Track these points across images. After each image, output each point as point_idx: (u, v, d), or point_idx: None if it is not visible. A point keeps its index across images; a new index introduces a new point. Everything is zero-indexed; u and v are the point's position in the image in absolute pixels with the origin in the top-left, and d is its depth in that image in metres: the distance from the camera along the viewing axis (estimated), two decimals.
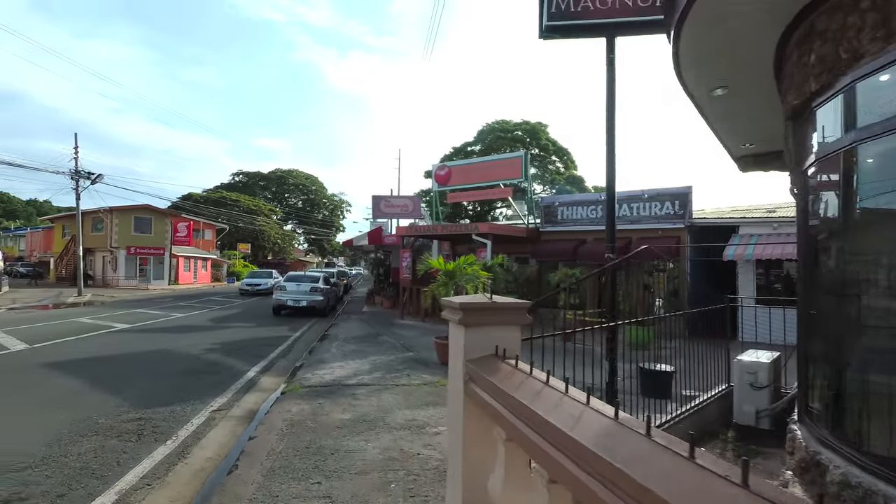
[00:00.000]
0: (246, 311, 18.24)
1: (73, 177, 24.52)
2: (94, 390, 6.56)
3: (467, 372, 2.48)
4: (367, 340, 11.21)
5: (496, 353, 2.50)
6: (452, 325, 2.68)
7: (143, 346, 10.26)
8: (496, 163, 16.17)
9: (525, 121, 43.27)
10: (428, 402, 6.11)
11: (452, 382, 2.72)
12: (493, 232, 13.86)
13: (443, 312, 2.84)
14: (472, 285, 9.21)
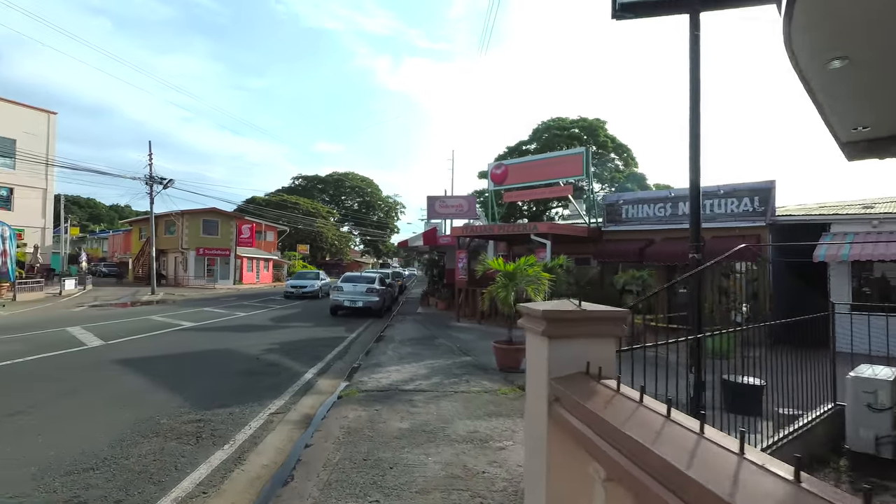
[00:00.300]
0: (304, 311, 18.57)
1: (147, 182, 26.07)
2: (158, 389, 6.66)
3: (552, 392, 2.08)
4: (422, 343, 10.97)
5: (587, 372, 2.09)
6: (532, 335, 2.29)
7: (207, 344, 10.53)
8: (555, 160, 15.53)
9: (582, 117, 41.99)
10: (489, 411, 5.73)
11: (532, 402, 2.33)
12: (552, 232, 13.28)
13: (519, 321, 2.46)
14: (532, 287, 8.75)
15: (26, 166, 36.23)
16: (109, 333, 11.41)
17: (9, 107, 36.21)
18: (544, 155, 16.12)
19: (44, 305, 18.96)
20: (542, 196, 18.59)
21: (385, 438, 4.72)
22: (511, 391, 6.76)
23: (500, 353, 8.50)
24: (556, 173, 15.40)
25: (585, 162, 14.78)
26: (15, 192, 37.34)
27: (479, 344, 10.98)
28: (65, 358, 8.69)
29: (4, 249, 19.44)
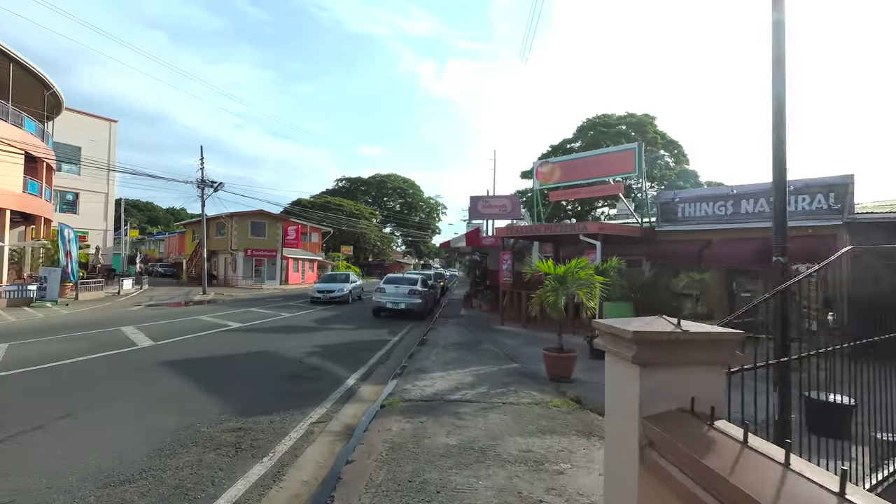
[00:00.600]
0: (347, 313, 18.58)
1: (198, 185, 26.95)
2: (201, 393, 6.59)
3: (646, 434, 1.66)
4: (467, 348, 10.60)
5: (692, 410, 1.65)
6: (615, 360, 1.87)
7: (251, 346, 10.53)
8: (605, 157, 14.80)
9: (630, 113, 40.54)
10: (542, 427, 5.28)
11: (615, 443, 1.91)
12: (603, 232, 12.62)
13: (596, 340, 2.05)
14: (584, 292, 8.23)
15: (90, 172, 38.34)
16: (159, 334, 11.65)
17: (75, 116, 38.41)
18: (593, 152, 15.41)
19: (103, 304, 19.84)
20: (591, 195, 17.83)
21: (431, 456, 4.37)
22: (564, 403, 6.28)
23: (551, 361, 8.02)
24: (605, 170, 14.68)
25: (638, 158, 13.99)
26: (80, 196, 39.64)
27: (525, 349, 10.51)
28: (117, 358, 8.85)
29: (68, 251, 20.46)
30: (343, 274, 26.31)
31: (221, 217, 38.11)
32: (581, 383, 7.64)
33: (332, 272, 31.44)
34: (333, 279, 24.70)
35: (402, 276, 18.35)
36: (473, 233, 19.63)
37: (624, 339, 1.72)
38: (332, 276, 26.51)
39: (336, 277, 25.09)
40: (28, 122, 25.70)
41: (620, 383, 1.81)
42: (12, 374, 7.38)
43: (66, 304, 18.62)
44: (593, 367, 8.83)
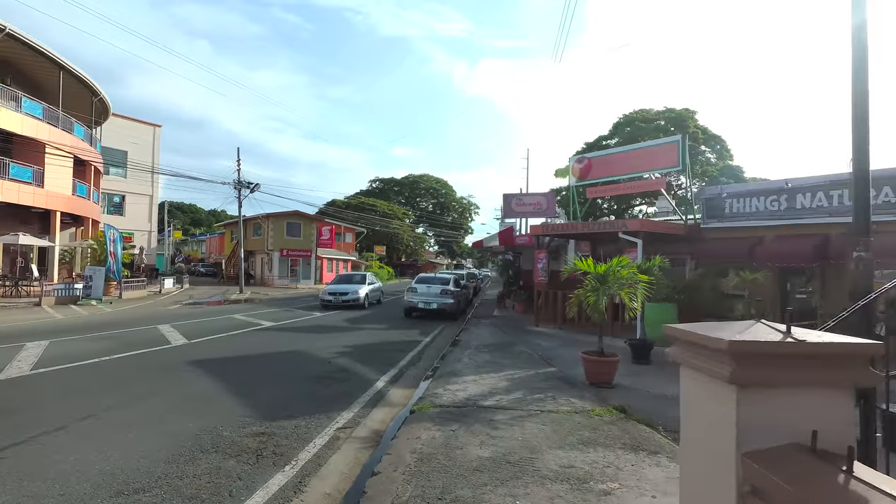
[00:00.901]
0: (378, 313, 18.44)
1: (235, 187, 27.46)
2: (227, 394, 6.43)
3: (747, 479, 1.25)
4: (500, 350, 10.19)
5: (813, 448, 1.23)
6: (698, 377, 1.45)
7: (281, 345, 10.43)
8: (646, 151, 14.08)
9: (669, 108, 39.04)
10: (584, 439, 4.84)
11: (698, 484, 1.49)
12: (644, 229, 11.96)
13: (669, 350, 1.65)
14: (626, 292, 7.69)
15: (135, 175, 39.77)
16: (194, 332, 11.73)
17: (121, 121, 39.95)
18: (633, 146, 14.69)
19: (145, 303, 20.38)
20: (630, 191, 17.07)
21: (463, 470, 4.01)
22: (606, 412, 5.81)
23: (591, 365, 7.52)
24: (646, 165, 13.96)
25: (681, 151, 13.22)
26: (126, 198, 41.19)
27: (562, 352, 10.02)
28: (150, 357, 8.87)
29: (112, 251, 21.12)
30: (360, 275, 23.28)
31: (258, 218, 38.86)
32: (623, 389, 7.14)
33: (347, 272, 27.13)
34: (348, 280, 22.10)
35: (434, 276, 18.08)
36: (507, 231, 19.16)
37: (714, 350, 1.31)
38: (348, 276, 23.64)
39: (351, 278, 22.45)
40: (77, 127, 26.76)
41: (706, 408, 1.41)
42: (48, 371, 7.44)
43: (110, 303, 19.19)
44: (636, 372, 8.30)
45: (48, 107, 24.00)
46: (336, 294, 19.61)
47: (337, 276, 26.07)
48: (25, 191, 22.16)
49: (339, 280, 22.41)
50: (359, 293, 19.71)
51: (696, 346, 1.41)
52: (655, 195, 31.62)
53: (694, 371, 1.45)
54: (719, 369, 1.28)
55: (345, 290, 19.76)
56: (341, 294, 19.55)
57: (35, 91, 24.90)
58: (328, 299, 19.49)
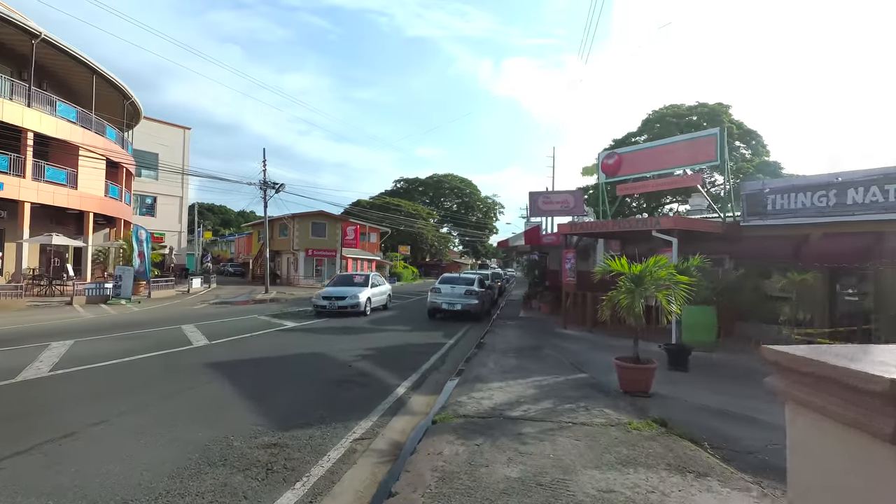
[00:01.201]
0: (402, 314, 18.17)
1: (261, 187, 27.66)
2: (241, 399, 6.19)
3: None
4: (527, 354, 9.74)
5: None
6: (827, 426, 1.03)
7: (302, 347, 10.21)
8: (680, 145, 13.37)
9: (701, 102, 37.71)
10: (623, 458, 4.39)
11: None
12: (679, 227, 11.33)
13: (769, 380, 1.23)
14: (664, 293, 7.17)
15: (166, 177, 40.61)
16: (216, 332, 11.64)
17: (152, 124, 40.86)
18: (667, 140, 13.97)
19: (172, 302, 20.62)
20: (663, 187, 16.30)
21: (488, 493, 3.62)
22: (646, 426, 5.32)
23: (625, 372, 7.03)
24: (681, 160, 13.27)
25: (720, 144, 12.50)
26: (157, 200, 42.11)
27: (592, 357, 9.52)
28: (169, 358, 8.76)
29: (141, 251, 21.45)
30: (362, 275, 20.14)
31: (284, 218, 39.22)
32: (661, 399, 6.62)
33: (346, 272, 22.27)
34: (348, 281, 18.89)
35: (459, 276, 17.70)
36: (533, 230, 18.65)
37: (862, 391, 0.89)
38: (347, 276, 20.35)
39: (351, 279, 19.26)
40: (109, 130, 27.35)
41: (842, 470, 0.98)
42: (67, 372, 7.36)
43: (139, 302, 19.46)
44: (673, 380, 7.75)
45: (82, 110, 24.57)
46: (331, 298, 16.62)
47: (336, 275, 22.24)
48: (60, 192, 22.73)
49: (338, 281, 19.12)
50: (359, 297, 16.75)
51: (823, 380, 1.00)
52: (689, 192, 30.56)
53: (818, 416, 1.03)
54: (873, 421, 0.86)
55: (342, 294, 16.83)
56: (337, 298, 16.60)
57: (69, 95, 25.57)
58: (322, 304, 16.52)
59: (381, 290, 19.23)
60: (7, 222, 22.02)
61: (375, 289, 18.40)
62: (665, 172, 14.20)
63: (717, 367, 8.96)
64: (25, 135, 20.92)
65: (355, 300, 16.65)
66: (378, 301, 18.54)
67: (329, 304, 16.43)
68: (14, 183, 20.28)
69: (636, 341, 7.28)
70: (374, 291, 18.18)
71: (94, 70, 25.26)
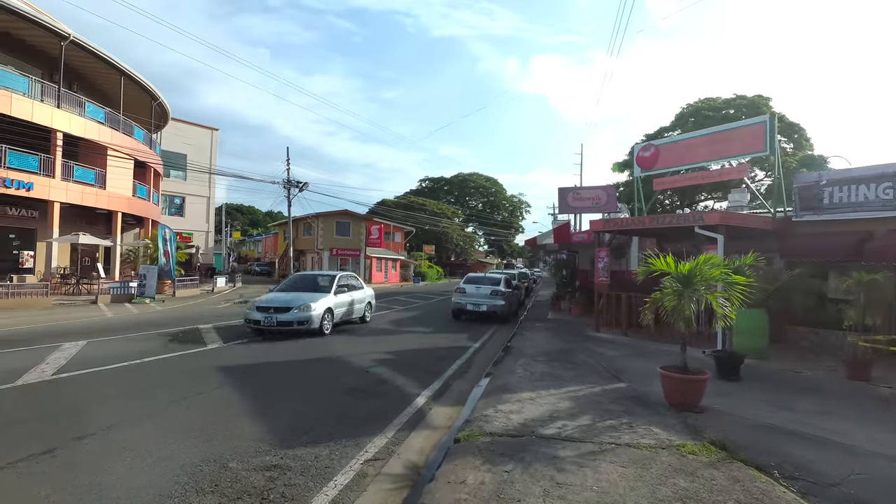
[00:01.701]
0: (426, 314, 17.59)
1: (284, 186, 27.53)
2: (245, 409, 5.67)
3: None
4: (559, 359, 9.00)
5: None
6: None
7: (319, 350, 9.69)
8: (724, 134, 12.35)
9: (739, 95, 36.07)
10: (682, 491, 3.65)
11: None
12: (726, 223, 10.38)
13: None
14: (714, 296, 6.35)
15: (194, 178, 41.13)
16: (232, 334, 11.25)
17: (180, 125, 41.44)
18: (710, 129, 12.90)
19: (196, 301, 20.54)
20: (706, 181, 15.14)
21: None
22: (703, 449, 4.56)
23: (672, 384, 6.25)
24: (725, 151, 12.26)
25: (769, 133, 11.46)
26: (186, 200, 42.71)
27: (630, 364, 8.72)
28: (180, 361, 8.36)
29: (166, 251, 21.46)
30: (327, 276, 13.68)
31: (308, 217, 39.21)
32: (714, 415, 5.83)
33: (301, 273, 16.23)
34: (306, 284, 13.15)
35: (484, 276, 17.00)
36: (563, 228, 17.80)
37: None
38: (300, 280, 13.87)
39: (303, 282, 13.41)
40: (137, 130, 27.64)
41: None
42: (70, 376, 7.00)
43: (163, 301, 19.42)
44: (725, 392, 6.92)
45: (110, 111, 24.83)
46: (270, 309, 11.19)
47: (291, 276, 15.63)
48: (88, 192, 22.98)
49: (287, 285, 13.40)
50: (312, 309, 11.24)
51: None
52: (725, 189, 29.07)
53: None
54: None
55: (285, 304, 11.27)
56: (280, 310, 11.11)
57: (98, 97, 25.90)
58: (255, 318, 11.11)
59: (355, 296, 13.79)
60: (38, 222, 22.36)
61: (342, 296, 12.97)
62: (708, 164, 13.21)
63: (772, 377, 8.06)
64: (55, 135, 21.16)
65: (306, 316, 11.11)
66: (346, 313, 13.18)
67: (265, 319, 11.02)
68: (44, 183, 20.51)
69: (684, 348, 6.49)
70: (340, 300, 12.73)
71: (123, 72, 25.52)
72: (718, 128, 12.91)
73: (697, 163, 12.98)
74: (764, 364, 8.88)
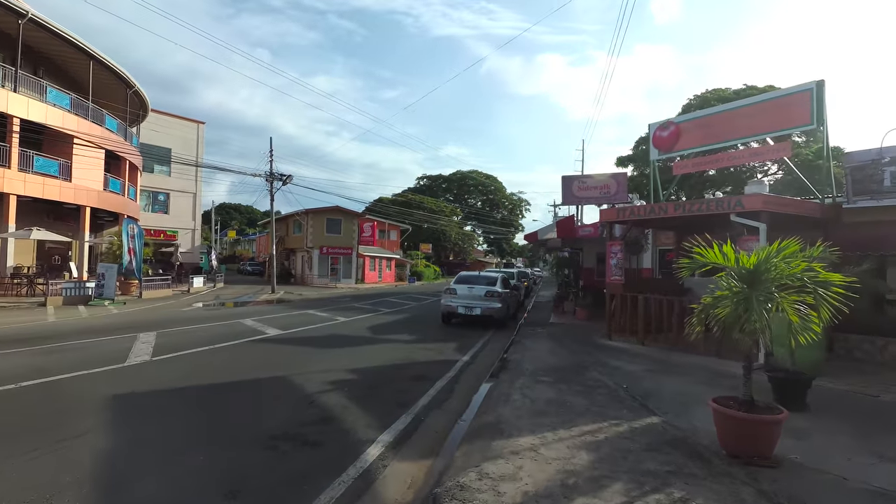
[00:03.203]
0: (413, 318, 15.69)
1: (266, 179, 25.61)
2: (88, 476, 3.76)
3: None
4: (567, 378, 7.11)
5: None
6: None
7: (267, 367, 7.74)
8: (758, 107, 10.43)
9: (749, 85, 34.16)
10: None
11: None
12: (769, 209, 8.49)
13: None
14: (790, 301, 4.47)
15: (179, 173, 39.26)
16: (172, 344, 9.35)
17: (165, 118, 39.57)
18: (742, 101, 10.97)
19: (165, 303, 18.63)
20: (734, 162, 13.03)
21: None
22: None
23: (733, 426, 4.37)
24: (759, 126, 10.36)
25: (815, 102, 9.56)
26: (171, 196, 40.77)
27: (657, 384, 6.83)
28: (85, 382, 6.48)
29: (131, 247, 19.57)
30: None
31: (297, 214, 37.26)
32: (796, 471, 4.02)
33: None
34: None
35: (479, 275, 15.05)
36: (567, 221, 15.84)
37: None
38: None
39: None
40: (109, 119, 25.74)
41: None
42: None
43: (124, 303, 17.52)
44: (798, 430, 5.07)
45: (77, 97, 22.94)
46: None
47: None
48: (51, 185, 21.09)
49: None
50: None
51: None
52: (740, 181, 27.13)
53: None
54: None
55: None
56: None
57: (68, 83, 24.00)
58: None
59: None
60: None
61: None
62: (733, 144, 11.29)
63: (846, 404, 6.20)
64: (11, 121, 19.28)
65: None
66: None
67: None
68: None
69: (748, 375, 4.59)
70: None
71: (92, 56, 23.64)
72: (752, 99, 10.98)
73: (726, 141, 11.07)
74: (826, 384, 7.01)
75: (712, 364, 8.32)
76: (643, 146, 32.07)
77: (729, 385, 6.11)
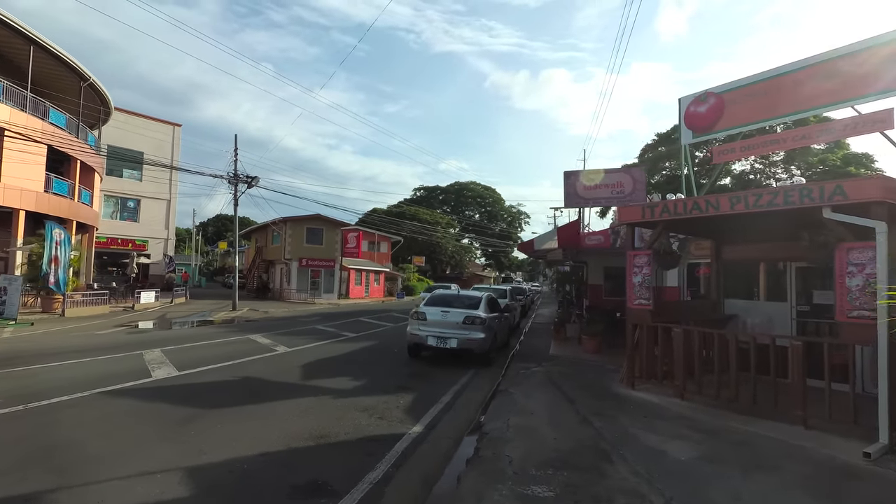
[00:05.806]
0: (376, 348, 12.46)
1: (230, 181, 22.61)
2: None
3: None
4: (578, 481, 3.97)
5: None
6: None
7: (94, 444, 4.62)
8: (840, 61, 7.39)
9: None
10: None
11: None
12: (890, 199, 5.42)
13: None
14: None
15: (151, 178, 36.36)
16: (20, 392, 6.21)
17: (138, 120, 36.86)
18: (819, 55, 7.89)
19: (88, 323, 15.47)
20: (805, 143, 8.95)
21: None
22: None
23: None
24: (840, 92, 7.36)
25: None
26: (141, 203, 37.81)
27: (733, 493, 3.68)
28: None
29: (54, 256, 16.49)
30: None
31: (274, 223, 34.18)
32: None
33: None
34: None
35: (458, 295, 11.69)
36: (571, 226, 12.64)
37: None
38: None
39: None
40: (55, 113, 22.82)
41: None
42: None
43: (31, 324, 14.38)
44: None
45: (10, 84, 20.08)
46: None
47: None
48: None
49: None
50: None
51: None
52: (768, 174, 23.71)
53: None
54: None
55: None
56: None
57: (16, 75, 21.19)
58: None
59: None
60: None
61: None
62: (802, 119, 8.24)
63: None
64: None
65: None
66: None
67: None
68: None
69: None
70: None
71: (32, 39, 20.81)
72: (826, 53, 7.85)
73: (791, 114, 8.02)
74: None
75: (800, 439, 5.26)
76: (649, 153, 28.93)
77: (856, 492, 2.99)
